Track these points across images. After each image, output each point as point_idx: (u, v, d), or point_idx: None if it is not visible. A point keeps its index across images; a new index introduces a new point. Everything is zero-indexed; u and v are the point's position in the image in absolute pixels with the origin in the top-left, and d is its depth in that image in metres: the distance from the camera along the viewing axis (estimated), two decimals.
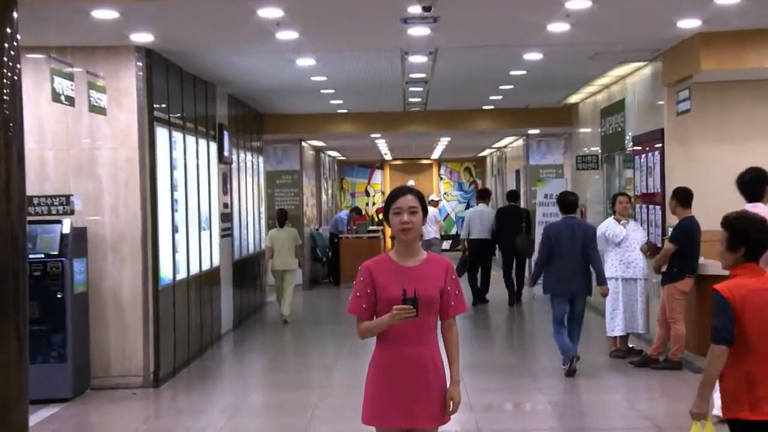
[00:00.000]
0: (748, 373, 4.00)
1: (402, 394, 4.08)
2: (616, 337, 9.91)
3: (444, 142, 21.83)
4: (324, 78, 11.98)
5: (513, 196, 15.68)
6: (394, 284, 4.06)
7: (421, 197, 4.17)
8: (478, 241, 14.91)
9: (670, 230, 9.32)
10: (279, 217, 13.81)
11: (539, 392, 8.48)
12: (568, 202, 9.27)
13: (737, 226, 4.16)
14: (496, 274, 15.97)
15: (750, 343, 3.99)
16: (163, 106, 9.46)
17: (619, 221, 9.84)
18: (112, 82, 8.78)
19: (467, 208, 28.35)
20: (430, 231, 20.49)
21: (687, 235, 8.85)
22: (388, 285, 4.08)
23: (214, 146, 11.83)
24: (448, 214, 28.32)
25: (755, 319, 3.98)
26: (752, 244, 4.08)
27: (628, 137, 11.79)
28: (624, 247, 9.77)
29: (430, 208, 21.52)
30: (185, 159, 10.22)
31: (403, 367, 4.08)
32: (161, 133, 9.33)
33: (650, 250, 9.80)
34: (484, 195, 16.01)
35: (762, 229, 4.10)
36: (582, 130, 15.29)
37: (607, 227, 9.84)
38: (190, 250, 10.24)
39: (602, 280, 9.08)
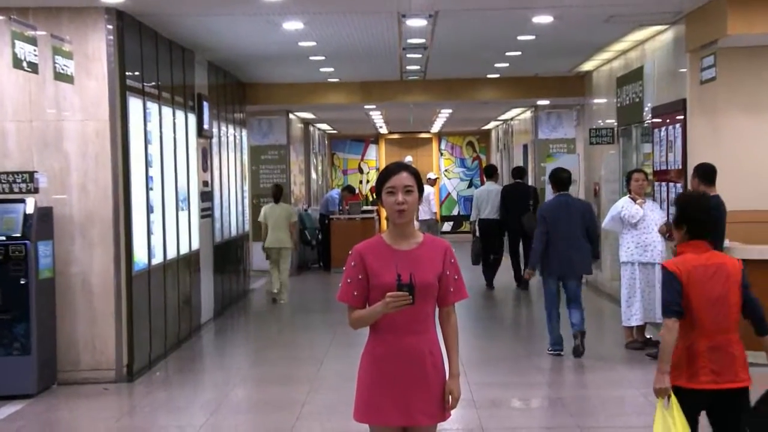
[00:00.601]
0: (691, 344, 4.61)
1: (398, 389, 4.08)
2: (632, 327, 9.91)
3: (445, 114, 21.78)
4: (313, 43, 11.92)
5: (519, 172, 15.69)
6: (388, 269, 4.05)
7: (417, 175, 4.16)
8: (487, 221, 15.09)
9: None
10: (274, 193, 14.33)
11: (548, 387, 8.48)
12: (560, 179, 9.61)
13: (680, 204, 4.81)
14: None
15: (693, 316, 4.60)
16: (137, 73, 9.40)
17: (635, 200, 9.82)
18: (79, 47, 8.71)
19: (470, 186, 28.42)
20: (425, 211, 20.55)
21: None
22: (382, 270, 4.07)
23: (192, 118, 11.78)
24: (448, 194, 28.30)
25: (697, 293, 4.59)
26: (692, 223, 4.69)
27: (646, 108, 11.76)
28: (641, 229, 9.76)
29: (427, 187, 21.63)
30: (161, 132, 10.17)
31: (399, 360, 4.07)
32: (134, 104, 9.27)
33: (669, 231, 9.77)
34: (490, 172, 16.03)
35: (702, 209, 4.69)
36: (596, 100, 15.25)
37: (623, 207, 9.82)
38: (166, 233, 10.22)
39: (597, 254, 9.79)
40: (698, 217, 4.69)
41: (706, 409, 4.68)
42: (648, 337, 10.02)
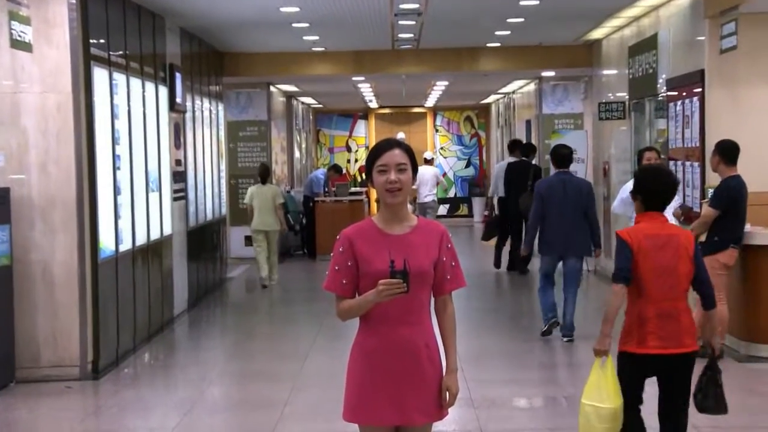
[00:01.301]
0: (640, 311, 5.23)
1: (391, 385, 4.09)
2: None
3: (440, 86, 21.76)
4: (296, 9, 11.87)
5: (526, 149, 15.73)
6: (380, 255, 4.05)
7: (410, 152, 4.15)
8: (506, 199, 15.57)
9: (710, 192, 9.30)
10: (261, 173, 14.79)
11: (553, 384, 8.50)
12: (561, 155, 10.06)
13: (636, 175, 5.60)
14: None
15: (642, 284, 5.21)
16: (102, 41, 9.35)
17: None
18: (38, 12, 8.66)
19: (467, 166, 28.43)
20: (428, 193, 20.60)
21: (731, 197, 8.83)
22: (373, 256, 4.06)
23: (164, 91, 11.75)
24: (444, 173, 28.31)
25: (646, 262, 5.19)
26: (646, 194, 5.34)
27: (660, 80, 11.76)
28: None
29: (429, 168, 21.71)
30: (129, 106, 10.14)
31: (392, 354, 4.08)
32: (100, 75, 9.23)
33: (685, 215, 9.78)
34: (514, 147, 16.17)
35: (657, 181, 5.35)
36: (605, 72, 15.24)
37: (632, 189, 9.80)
38: (135, 216, 10.20)
39: (597, 242, 9.93)
40: (653, 188, 5.33)
41: (655, 374, 5.28)
42: None
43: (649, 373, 5.30)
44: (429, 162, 22.35)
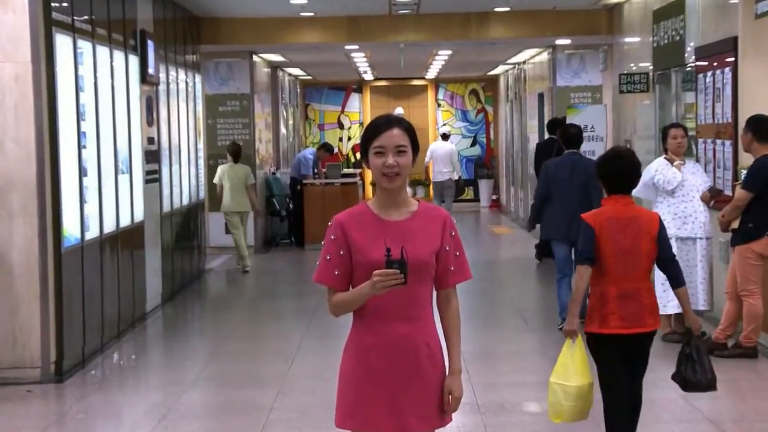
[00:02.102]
0: (602, 292, 5.88)
1: (388, 389, 4.10)
2: (669, 315, 9.94)
3: (443, 56, 21.73)
4: None
5: (551, 125, 15.71)
6: (376, 243, 4.05)
7: (411, 131, 4.15)
8: None
9: (743, 173, 9.29)
10: (234, 152, 15.61)
11: None
12: (569, 135, 10.63)
13: (599, 159, 6.27)
14: None
15: (604, 265, 5.87)
16: (65, 5, 9.33)
17: (672, 162, 9.81)
18: None
19: (473, 144, 28.43)
20: (444, 172, 20.66)
21: (766, 179, 8.83)
22: (368, 244, 4.07)
23: (134, 61, 11.73)
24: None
25: (608, 243, 5.87)
26: (607, 178, 6.02)
27: (689, 49, 11.74)
28: (679, 197, 9.76)
29: (445, 144, 21.74)
30: (96, 78, 10.12)
31: (389, 353, 4.09)
32: (62, 42, 9.21)
33: (715, 198, 9.77)
34: (554, 126, 16.07)
35: (614, 164, 6.01)
36: (627, 39, 15.22)
37: (657, 170, 9.81)
38: (103, 201, 10.19)
39: None
40: (614, 172, 6.00)
41: (619, 352, 5.88)
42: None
43: (615, 352, 5.89)
44: (445, 137, 22.42)
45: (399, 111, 25.86)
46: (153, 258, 12.36)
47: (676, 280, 6.01)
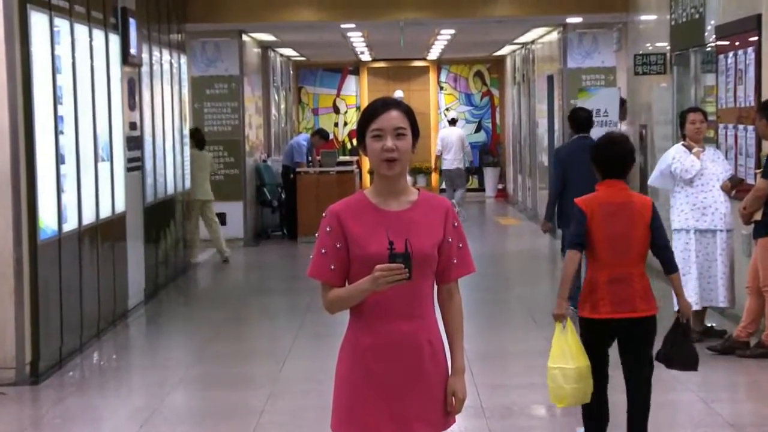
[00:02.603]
0: (593, 277, 6.34)
1: (387, 390, 4.11)
2: None
3: (446, 35, 21.70)
4: None
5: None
6: (375, 235, 4.06)
7: (410, 114, 4.16)
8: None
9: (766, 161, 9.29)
10: (200, 137, 16.08)
11: None
12: (579, 118, 10.99)
13: (594, 145, 6.80)
14: None
15: (595, 250, 6.34)
16: None
17: (690, 149, 9.81)
18: None
19: (478, 130, 28.42)
20: (454, 159, 20.69)
21: None
22: (367, 237, 4.08)
23: (115, 40, 11.71)
24: None
25: (599, 228, 6.31)
26: (600, 163, 6.50)
27: (709, 27, 11.73)
28: (698, 187, 9.76)
29: (454, 130, 21.77)
30: (74, 58, 10.11)
31: (389, 353, 4.10)
32: (38, 21, 9.19)
33: (736, 188, 9.77)
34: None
35: (608, 148, 6.49)
36: (643, 17, 15.20)
37: (674, 158, 9.81)
38: (82, 190, 10.18)
39: None
40: (607, 157, 6.47)
41: (613, 338, 6.39)
42: (709, 325, 10.06)
43: (607, 338, 6.41)
44: (453, 123, 22.49)
45: (398, 94, 25.84)
46: (135, 251, 12.35)
47: (669, 266, 6.42)
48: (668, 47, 13.54)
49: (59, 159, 9.57)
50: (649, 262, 6.59)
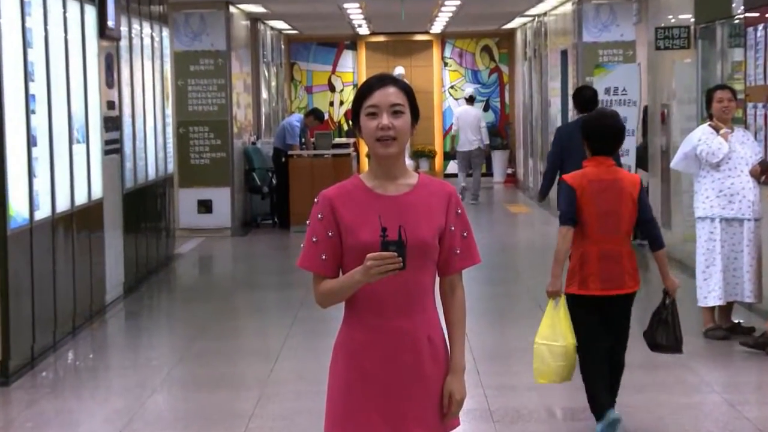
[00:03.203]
0: (582, 253, 6.93)
1: (385, 391, 4.12)
2: (712, 309, 9.95)
3: (450, 6, 21.70)
4: None
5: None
6: (369, 222, 4.06)
7: (408, 91, 4.17)
8: None
9: None
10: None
11: None
12: (583, 97, 11.26)
13: (583, 121, 7.50)
14: None
15: (585, 227, 6.92)
16: None
17: (717, 130, 9.80)
18: None
19: (486, 109, 28.40)
20: (473, 139, 20.84)
21: None
22: (360, 223, 4.08)
23: (91, 12, 11.70)
24: (451, 125, 28.21)
25: (589, 205, 6.90)
26: (591, 140, 7.06)
27: None
28: (725, 171, 9.75)
29: (470, 108, 21.82)
30: (46, 32, 10.10)
31: (386, 351, 4.11)
32: None
33: (766, 173, 9.77)
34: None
35: (599, 125, 7.07)
36: None
37: (700, 140, 9.80)
38: (55, 175, 10.18)
39: None
40: (598, 133, 7.03)
41: (599, 314, 6.96)
42: (736, 321, 10.06)
43: (594, 313, 6.97)
44: (470, 101, 22.66)
45: (399, 71, 25.82)
46: (114, 241, 12.35)
47: (655, 243, 7.03)
48: (692, 19, 13.52)
49: (31, 141, 9.55)
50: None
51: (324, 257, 4.12)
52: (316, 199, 4.16)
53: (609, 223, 6.87)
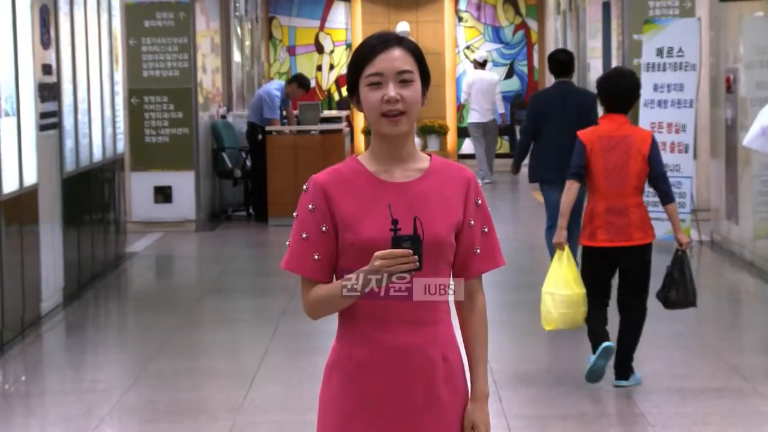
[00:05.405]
0: (592, 207, 8.61)
1: (391, 421, 4.15)
2: None
3: None
4: None
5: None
6: (374, 214, 4.09)
7: (417, 52, 4.20)
8: None
9: None
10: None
11: (640, 424, 8.54)
12: (559, 62, 12.30)
13: (597, 80, 9.13)
14: None
15: (594, 181, 8.60)
16: None
17: None
18: None
19: (509, 75, 28.37)
20: (486, 110, 20.98)
21: None
22: (362, 216, 4.11)
23: None
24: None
25: (598, 160, 8.56)
26: (604, 97, 8.75)
27: None
28: None
29: (484, 73, 21.83)
30: None
31: (392, 372, 4.15)
32: None
33: None
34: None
35: (614, 84, 8.69)
36: None
37: None
38: None
39: None
40: (613, 91, 8.69)
41: (611, 266, 8.68)
42: None
43: (603, 265, 8.71)
44: (482, 65, 22.81)
45: (403, 27, 25.80)
46: (51, 238, 12.35)
47: (666, 197, 8.66)
48: None
49: None
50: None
51: (317, 257, 4.14)
52: (305, 186, 4.17)
53: (616, 178, 8.53)
